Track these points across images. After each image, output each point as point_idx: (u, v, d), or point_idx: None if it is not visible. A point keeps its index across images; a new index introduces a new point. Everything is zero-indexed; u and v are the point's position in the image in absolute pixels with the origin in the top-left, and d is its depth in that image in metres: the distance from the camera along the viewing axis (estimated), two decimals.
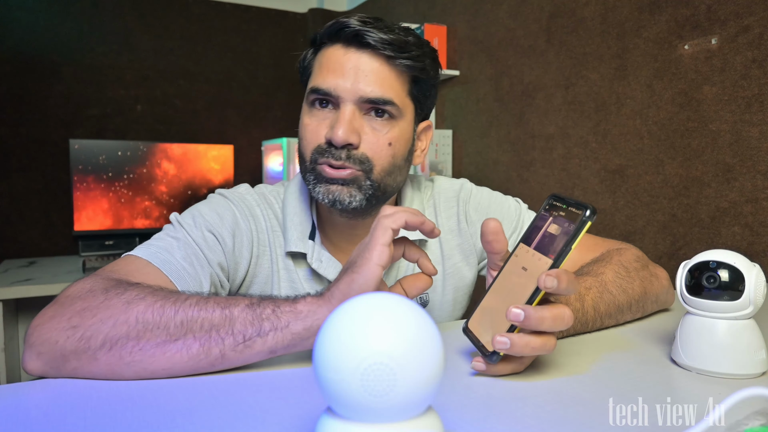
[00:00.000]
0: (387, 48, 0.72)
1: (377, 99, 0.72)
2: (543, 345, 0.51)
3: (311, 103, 0.76)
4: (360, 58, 0.73)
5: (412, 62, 0.74)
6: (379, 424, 0.33)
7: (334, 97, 0.73)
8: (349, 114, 0.72)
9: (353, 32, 0.72)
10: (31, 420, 0.44)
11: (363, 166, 0.73)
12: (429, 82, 0.79)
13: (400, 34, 0.74)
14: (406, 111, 0.76)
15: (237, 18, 2.73)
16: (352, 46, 0.73)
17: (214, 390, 0.51)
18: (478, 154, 1.99)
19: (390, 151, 0.75)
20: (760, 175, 1.10)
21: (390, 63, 0.73)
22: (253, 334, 0.53)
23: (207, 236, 0.74)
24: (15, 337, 2.13)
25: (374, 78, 0.72)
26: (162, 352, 0.52)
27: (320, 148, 0.74)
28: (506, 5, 1.82)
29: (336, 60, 0.73)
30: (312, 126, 0.75)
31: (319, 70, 0.75)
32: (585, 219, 0.49)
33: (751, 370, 0.55)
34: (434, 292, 0.86)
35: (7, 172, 2.30)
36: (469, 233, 0.88)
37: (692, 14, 1.23)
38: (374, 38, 0.71)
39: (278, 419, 0.45)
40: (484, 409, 0.47)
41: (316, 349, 0.34)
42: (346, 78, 0.72)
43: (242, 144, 2.75)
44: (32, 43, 2.33)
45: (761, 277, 0.55)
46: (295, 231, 0.80)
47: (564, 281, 0.49)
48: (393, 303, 0.35)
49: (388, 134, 0.74)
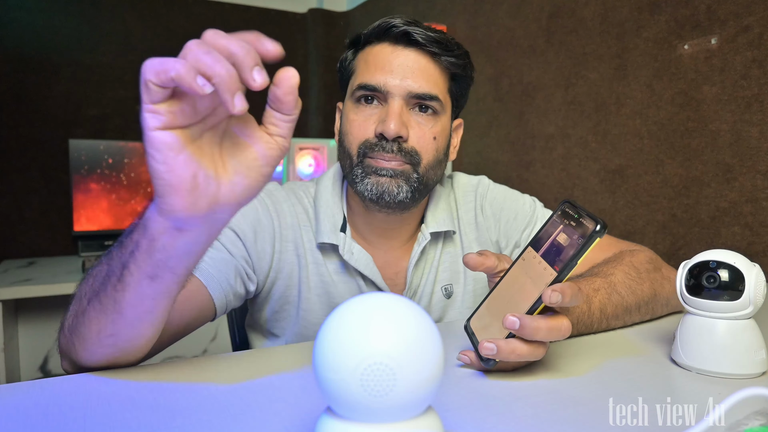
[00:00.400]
0: (433, 45, 0.76)
1: (424, 94, 0.75)
2: (530, 353, 0.52)
3: (357, 100, 0.78)
4: (408, 55, 0.76)
5: (455, 60, 0.78)
6: (379, 424, 0.33)
7: (383, 93, 0.75)
8: (399, 108, 0.75)
9: (402, 31, 0.75)
10: (31, 420, 0.44)
11: (412, 159, 0.76)
12: (466, 81, 0.83)
13: (442, 34, 0.78)
14: (446, 107, 0.80)
15: (237, 18, 2.73)
16: (399, 44, 0.76)
17: (214, 390, 0.51)
18: (477, 154, 1.99)
19: (434, 144, 0.78)
20: (760, 175, 1.10)
21: (435, 60, 0.77)
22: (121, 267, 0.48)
23: (228, 233, 0.77)
24: (15, 337, 2.13)
25: (421, 74, 0.76)
26: (86, 318, 0.52)
27: (368, 142, 0.76)
28: (506, 5, 1.82)
29: (384, 57, 0.76)
30: (359, 121, 0.77)
31: (365, 68, 0.78)
32: (594, 234, 0.48)
33: (751, 370, 0.55)
34: (457, 283, 0.88)
35: (7, 172, 2.30)
36: (485, 226, 0.91)
37: (692, 14, 1.23)
38: (422, 36, 0.75)
39: (278, 419, 0.45)
40: (484, 409, 0.47)
41: (316, 349, 0.34)
42: (394, 74, 0.75)
43: None
44: (32, 43, 2.33)
45: (761, 277, 0.55)
46: (328, 223, 0.82)
47: (568, 295, 0.49)
48: (393, 303, 0.35)
49: (433, 128, 0.77)
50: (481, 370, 0.56)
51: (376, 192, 0.75)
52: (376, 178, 0.75)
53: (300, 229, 0.82)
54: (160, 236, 0.45)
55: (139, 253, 0.47)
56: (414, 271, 0.84)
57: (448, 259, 0.88)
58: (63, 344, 0.57)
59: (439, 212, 0.87)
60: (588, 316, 0.66)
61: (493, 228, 0.91)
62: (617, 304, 0.70)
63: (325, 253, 0.82)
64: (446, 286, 0.87)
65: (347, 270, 0.82)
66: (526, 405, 0.48)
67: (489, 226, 0.91)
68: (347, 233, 0.82)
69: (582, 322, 0.66)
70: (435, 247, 0.87)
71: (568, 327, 0.52)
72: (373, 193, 0.75)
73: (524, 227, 0.90)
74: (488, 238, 0.90)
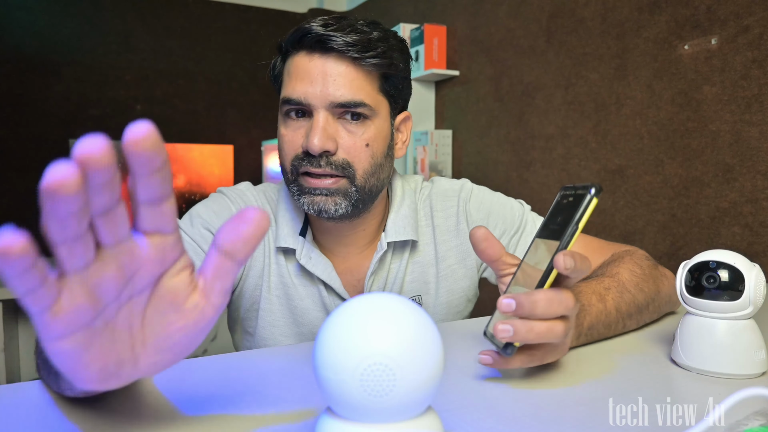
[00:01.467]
0: (351, 50, 0.71)
1: (348, 102, 0.71)
2: (549, 330, 0.48)
3: (285, 114, 0.75)
4: (326, 63, 0.71)
5: (379, 60, 0.72)
6: (379, 424, 0.33)
7: (306, 106, 0.72)
8: (323, 121, 0.71)
9: (316, 37, 0.71)
10: (31, 420, 0.44)
11: (345, 171, 0.73)
12: (400, 75, 0.77)
13: (364, 32, 0.72)
14: (380, 109, 0.75)
15: (237, 18, 2.73)
16: (316, 52, 0.72)
17: (214, 390, 0.51)
18: (478, 154, 1.99)
19: (368, 152, 0.74)
20: (760, 176, 1.10)
21: (356, 64, 0.72)
22: None
23: (204, 233, 0.77)
24: (15, 338, 2.13)
25: (342, 81, 0.71)
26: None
27: (297, 158, 0.73)
28: (506, 5, 1.82)
29: (302, 67, 0.72)
30: (288, 136, 0.75)
31: (288, 80, 0.74)
32: (591, 196, 0.47)
33: (751, 371, 0.55)
34: (427, 294, 0.85)
35: (7, 172, 2.30)
36: (468, 233, 0.87)
37: (692, 14, 1.23)
38: (337, 42, 0.70)
39: (278, 419, 0.45)
40: (484, 409, 0.47)
41: (316, 349, 0.34)
42: (314, 85, 0.71)
43: (242, 144, 2.75)
44: (32, 43, 2.33)
45: (761, 277, 0.55)
46: (286, 227, 0.80)
47: (578, 260, 0.47)
48: (392, 303, 0.35)
49: (364, 135, 0.74)
50: (504, 366, 0.53)
51: (315, 209, 0.73)
52: (311, 198, 0.73)
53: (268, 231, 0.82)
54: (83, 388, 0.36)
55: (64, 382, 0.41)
56: (374, 279, 0.82)
57: (417, 269, 0.84)
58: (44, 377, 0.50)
59: (401, 220, 0.83)
60: (605, 315, 0.64)
61: None
62: (630, 302, 0.68)
63: (286, 256, 0.81)
64: (414, 297, 0.84)
65: (308, 274, 0.81)
66: (526, 405, 0.48)
67: None
68: (307, 237, 0.80)
69: (600, 322, 0.63)
70: (400, 256, 0.83)
71: (570, 297, 0.49)
72: (312, 210, 0.74)
73: (513, 232, 0.86)
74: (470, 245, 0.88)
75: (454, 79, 2.11)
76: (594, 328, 0.63)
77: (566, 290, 0.50)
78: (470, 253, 0.87)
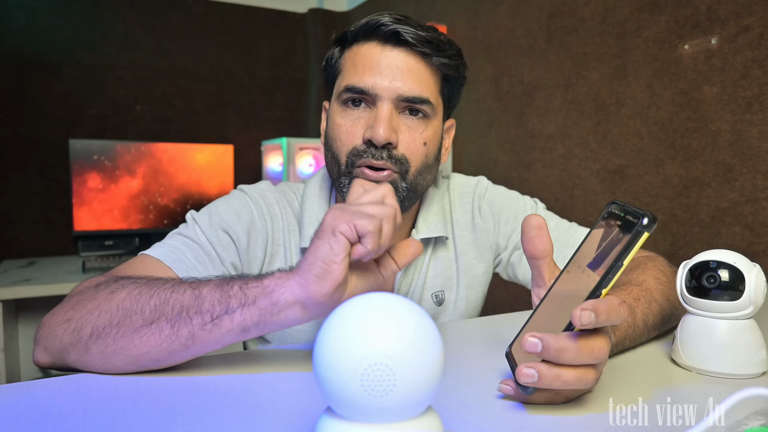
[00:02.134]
0: (424, 45, 0.71)
1: (415, 98, 0.71)
2: (578, 379, 0.44)
3: (344, 102, 0.74)
4: (397, 56, 0.72)
5: (447, 60, 0.73)
6: (379, 424, 0.33)
7: (371, 96, 0.71)
8: (388, 112, 0.71)
9: (391, 30, 0.71)
10: (31, 420, 0.44)
11: (401, 167, 0.72)
12: (459, 81, 0.79)
13: (434, 32, 0.73)
14: (438, 109, 0.76)
15: (237, 18, 2.73)
16: (388, 44, 0.72)
17: (214, 390, 0.51)
18: (478, 154, 1.99)
19: (424, 150, 0.74)
20: (761, 175, 1.10)
21: (426, 61, 0.72)
22: (221, 312, 0.51)
23: (221, 236, 0.75)
24: (15, 338, 2.13)
25: (411, 76, 0.71)
26: (139, 336, 0.52)
27: (357, 149, 0.72)
28: (506, 5, 1.82)
29: (372, 58, 0.72)
30: (347, 126, 0.73)
31: (353, 68, 0.73)
32: (641, 229, 0.41)
33: (751, 370, 0.55)
34: (449, 290, 0.86)
35: (7, 172, 2.30)
36: (483, 228, 0.88)
37: (692, 14, 1.23)
38: (412, 35, 0.70)
39: (278, 419, 0.45)
40: (484, 409, 0.47)
41: (316, 350, 0.34)
42: (383, 76, 0.71)
43: (242, 144, 2.75)
44: (32, 43, 2.33)
45: (761, 277, 0.55)
46: (312, 227, 0.79)
47: (603, 313, 0.41)
48: (393, 303, 0.35)
49: (423, 133, 0.74)
50: (522, 401, 0.48)
51: None
52: None
53: (289, 233, 0.81)
54: (286, 307, 0.51)
55: (253, 309, 0.51)
56: (402, 277, 0.82)
57: (440, 264, 0.85)
58: (64, 340, 0.55)
59: (431, 217, 0.83)
60: (633, 329, 0.61)
61: (492, 229, 0.88)
62: (657, 313, 0.65)
63: None
64: (437, 293, 0.84)
65: None
66: (526, 405, 0.48)
67: (488, 228, 0.88)
68: None
69: (629, 337, 0.61)
70: (424, 252, 0.83)
71: (603, 348, 0.44)
72: None
73: None
74: (486, 239, 0.88)
75: None
76: (621, 344, 0.61)
77: (601, 336, 0.44)
78: (486, 247, 0.88)
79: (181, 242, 0.72)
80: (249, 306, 0.51)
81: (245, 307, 0.51)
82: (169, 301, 0.53)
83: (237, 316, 0.51)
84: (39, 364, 0.59)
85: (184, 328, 0.52)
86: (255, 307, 0.51)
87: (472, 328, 0.75)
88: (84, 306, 0.56)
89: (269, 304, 0.51)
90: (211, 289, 0.53)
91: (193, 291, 0.53)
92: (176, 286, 0.54)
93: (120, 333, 0.53)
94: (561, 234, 0.87)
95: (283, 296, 0.51)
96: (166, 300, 0.53)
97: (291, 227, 0.81)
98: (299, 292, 0.50)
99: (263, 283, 0.52)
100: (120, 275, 0.63)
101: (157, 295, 0.54)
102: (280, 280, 0.52)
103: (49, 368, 0.60)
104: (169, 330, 0.52)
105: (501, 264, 0.90)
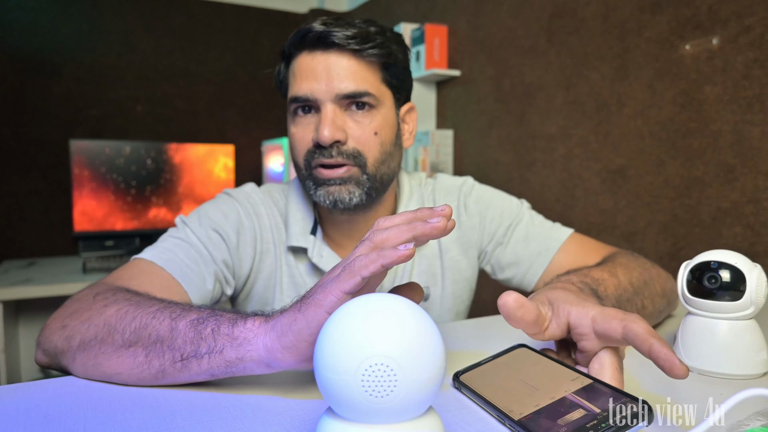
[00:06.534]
0: (351, 42, 0.74)
1: (353, 93, 0.74)
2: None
3: (294, 113, 0.78)
4: (328, 58, 0.74)
5: (378, 50, 0.76)
6: (380, 425, 0.33)
7: (313, 101, 0.75)
8: (331, 113, 0.74)
9: (316, 35, 0.74)
10: (31, 420, 0.44)
11: (356, 160, 0.75)
12: (399, 66, 0.80)
13: (362, 27, 0.76)
14: (384, 98, 0.78)
15: (237, 18, 2.73)
16: (317, 49, 0.75)
17: (214, 390, 0.51)
18: (479, 154, 1.99)
19: (377, 140, 0.77)
20: (762, 176, 1.10)
21: (357, 56, 0.75)
22: (190, 353, 0.50)
23: (211, 235, 0.77)
24: (15, 338, 2.13)
25: (346, 74, 0.74)
26: (116, 356, 0.52)
27: (309, 151, 0.76)
28: (507, 5, 1.82)
29: (306, 66, 0.75)
30: (299, 133, 0.77)
31: (294, 80, 0.77)
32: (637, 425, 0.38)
33: (752, 371, 0.55)
34: (434, 286, 0.87)
35: (7, 172, 2.30)
36: (468, 225, 0.89)
37: (693, 14, 1.23)
38: (337, 36, 0.73)
39: (278, 419, 0.44)
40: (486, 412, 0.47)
41: (317, 350, 0.34)
42: (319, 80, 0.74)
43: (242, 144, 2.75)
44: (32, 43, 2.33)
45: (762, 277, 0.55)
46: (297, 226, 0.82)
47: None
48: (393, 303, 0.34)
49: (371, 124, 0.76)
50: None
51: (330, 200, 0.75)
52: (326, 189, 0.75)
53: (276, 232, 0.83)
54: (251, 362, 0.49)
55: (219, 359, 0.49)
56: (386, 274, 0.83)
57: (424, 261, 0.86)
58: (58, 346, 0.56)
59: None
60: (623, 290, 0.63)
61: (477, 226, 0.89)
62: (638, 277, 0.68)
63: (296, 256, 0.83)
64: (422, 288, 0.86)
65: (319, 273, 0.82)
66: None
67: (473, 225, 0.89)
68: (318, 235, 0.82)
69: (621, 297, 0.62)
70: None
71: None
72: (327, 202, 0.76)
73: (509, 224, 0.88)
74: (471, 236, 0.89)
75: (455, 79, 2.11)
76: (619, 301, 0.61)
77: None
78: (471, 244, 0.89)
79: (173, 243, 0.74)
80: (216, 354, 0.49)
81: (212, 354, 0.49)
82: (148, 327, 0.52)
83: (204, 362, 0.49)
84: (40, 364, 0.60)
85: (156, 360, 0.51)
86: (221, 357, 0.49)
87: (474, 327, 0.75)
88: (79, 315, 0.57)
89: (235, 358, 0.49)
90: (187, 324, 0.51)
91: (171, 322, 0.52)
92: (159, 312, 0.53)
93: (102, 349, 0.53)
94: (545, 229, 0.88)
95: (248, 353, 0.49)
96: (145, 325, 0.52)
97: (278, 226, 0.84)
98: (264, 354, 0.48)
99: (233, 333, 0.49)
100: (119, 284, 0.65)
101: (139, 318, 0.53)
102: (250, 334, 0.49)
103: (48, 368, 0.61)
104: (143, 358, 0.51)
105: (485, 260, 0.92)
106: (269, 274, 0.82)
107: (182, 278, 0.71)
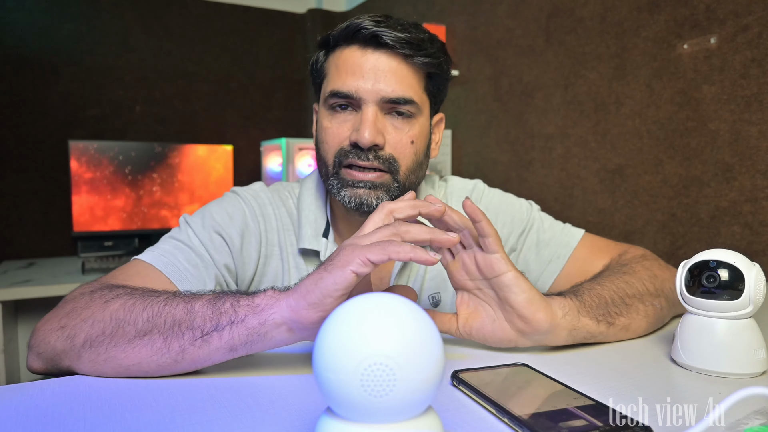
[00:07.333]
0: (405, 47, 0.72)
1: (398, 98, 0.73)
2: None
3: (331, 107, 0.76)
4: (378, 58, 0.73)
5: (429, 59, 0.75)
6: (379, 425, 0.33)
7: (355, 99, 0.73)
8: (372, 115, 0.72)
9: (370, 33, 0.72)
10: (31, 420, 0.44)
11: (390, 166, 0.74)
12: (443, 77, 0.79)
13: (414, 32, 0.74)
14: (423, 107, 0.77)
15: (236, 18, 2.73)
16: (369, 47, 0.73)
17: (214, 390, 0.51)
18: (477, 153, 1.99)
19: (413, 149, 0.76)
20: (760, 175, 1.10)
21: (408, 61, 0.74)
22: (211, 328, 0.51)
23: (214, 237, 0.75)
24: (14, 339, 2.13)
25: (394, 78, 0.73)
26: (131, 348, 0.52)
27: (343, 150, 0.74)
28: (505, 5, 1.82)
29: (354, 62, 0.73)
30: (333, 129, 0.75)
31: (336, 73, 0.75)
32: None
33: (750, 370, 0.55)
34: (445, 292, 0.86)
35: (6, 172, 2.30)
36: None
37: (691, 14, 1.23)
38: (391, 38, 0.72)
39: (278, 419, 0.45)
40: (485, 409, 0.47)
41: (316, 350, 0.34)
42: (366, 79, 0.72)
43: (241, 144, 2.75)
44: (31, 44, 2.33)
45: (761, 276, 0.55)
46: (310, 228, 0.80)
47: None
48: (392, 303, 0.35)
49: (409, 132, 0.75)
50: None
51: (355, 203, 0.74)
52: (353, 191, 0.74)
53: (284, 233, 0.81)
54: (273, 328, 0.51)
55: (241, 327, 0.51)
56: (398, 278, 0.82)
57: (435, 267, 0.84)
58: (57, 347, 0.56)
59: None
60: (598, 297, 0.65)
61: None
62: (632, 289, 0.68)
63: (307, 258, 0.81)
64: (433, 294, 0.84)
65: None
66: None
67: None
68: (330, 238, 0.80)
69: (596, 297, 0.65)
70: None
71: None
72: (352, 204, 0.74)
73: (521, 231, 0.88)
74: None
75: (453, 79, 2.11)
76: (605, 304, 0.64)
77: None
78: None
79: (173, 246, 0.73)
80: (238, 324, 0.51)
81: (234, 324, 0.51)
82: (162, 313, 0.53)
83: (225, 333, 0.51)
84: (33, 370, 0.59)
85: (176, 342, 0.52)
86: (243, 325, 0.51)
87: None
88: (78, 314, 0.56)
89: (257, 324, 0.51)
90: (204, 304, 0.53)
91: (186, 305, 0.53)
92: (170, 299, 0.54)
93: (113, 343, 0.53)
94: (555, 234, 0.87)
95: (271, 316, 0.51)
96: (158, 312, 0.53)
97: (285, 227, 0.82)
98: (288, 314, 0.50)
99: (254, 302, 0.52)
100: (114, 282, 0.64)
101: (151, 307, 0.54)
102: (270, 300, 0.51)
103: (42, 374, 0.59)
104: (160, 343, 0.52)
105: None
106: (274, 277, 0.81)
107: (180, 283, 0.69)
